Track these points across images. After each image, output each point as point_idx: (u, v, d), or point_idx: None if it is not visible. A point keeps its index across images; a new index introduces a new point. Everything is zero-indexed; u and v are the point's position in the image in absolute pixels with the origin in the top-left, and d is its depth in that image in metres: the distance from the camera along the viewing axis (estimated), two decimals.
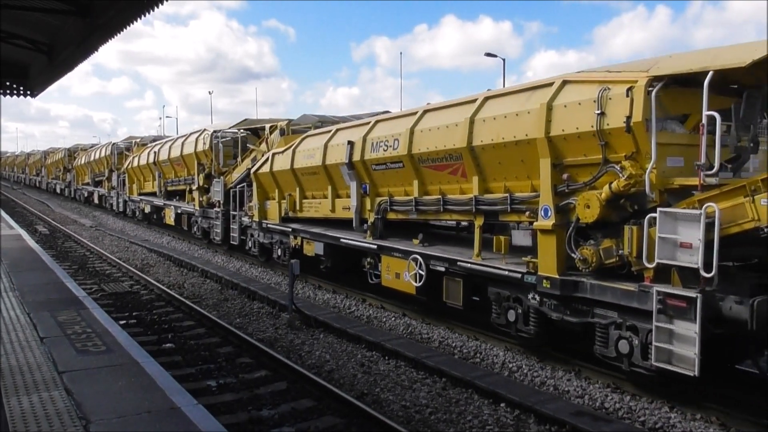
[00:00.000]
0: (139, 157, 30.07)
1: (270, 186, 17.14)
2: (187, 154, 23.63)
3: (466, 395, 8.30)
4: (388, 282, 12.31)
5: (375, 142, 12.54)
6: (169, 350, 10.24)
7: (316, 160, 14.46)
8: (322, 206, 14.92)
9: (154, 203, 28.10)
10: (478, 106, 10.18)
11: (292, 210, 16.03)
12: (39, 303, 9.66)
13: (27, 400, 5.69)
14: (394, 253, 12.07)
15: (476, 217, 10.44)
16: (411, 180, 11.75)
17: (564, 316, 8.78)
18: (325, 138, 14.42)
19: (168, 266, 19.06)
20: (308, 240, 15.11)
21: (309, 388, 8.43)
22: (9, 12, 9.74)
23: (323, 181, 14.53)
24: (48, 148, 65.82)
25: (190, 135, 24.30)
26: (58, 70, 12.69)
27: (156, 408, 5.62)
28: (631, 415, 7.72)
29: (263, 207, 17.60)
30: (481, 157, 10.11)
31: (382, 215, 12.77)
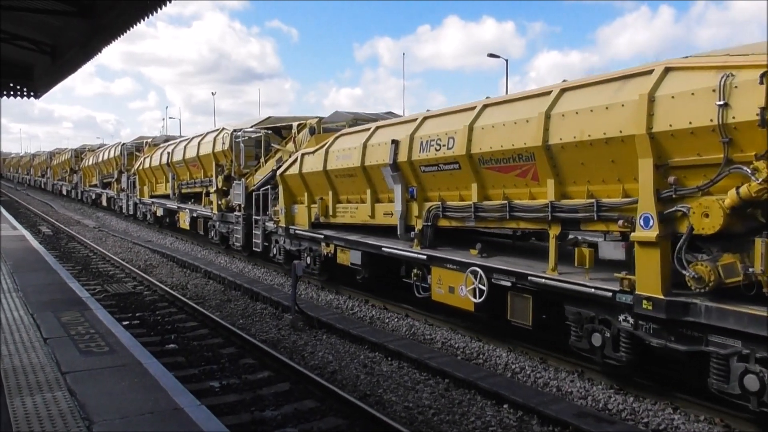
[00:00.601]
0: (150, 157, 28.95)
1: (298, 189, 15.88)
2: (204, 155, 22.36)
3: (469, 396, 8.29)
4: (439, 297, 11.04)
5: (425, 140, 11.28)
6: (172, 351, 10.24)
7: (354, 161, 13.20)
8: (360, 211, 13.65)
9: (167, 206, 26.90)
10: (554, 99, 8.94)
11: (324, 215, 14.73)
12: (42, 303, 9.68)
13: (30, 400, 5.70)
14: (448, 264, 10.77)
15: (551, 226, 9.09)
16: (468, 183, 10.48)
17: (668, 342, 7.44)
18: (363, 137, 13.17)
19: (171, 267, 19.08)
20: (343, 248, 13.89)
21: (312, 389, 8.43)
22: (12, 13, 9.77)
23: (361, 183, 13.30)
24: (54, 148, 64.64)
25: (207, 134, 23.07)
26: (61, 72, 12.72)
27: (159, 409, 5.62)
28: (634, 416, 7.70)
29: (290, 212, 16.34)
30: (559, 157, 8.81)
31: (432, 222, 11.47)
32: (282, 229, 16.58)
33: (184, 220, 24.65)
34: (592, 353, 8.51)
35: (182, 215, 24.86)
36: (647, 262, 7.56)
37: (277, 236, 17.11)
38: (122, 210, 34.27)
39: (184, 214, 24.49)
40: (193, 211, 23.65)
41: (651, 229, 7.49)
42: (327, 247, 14.58)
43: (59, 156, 55.07)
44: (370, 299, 13.73)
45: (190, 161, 23.84)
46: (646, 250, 7.57)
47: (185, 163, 24.33)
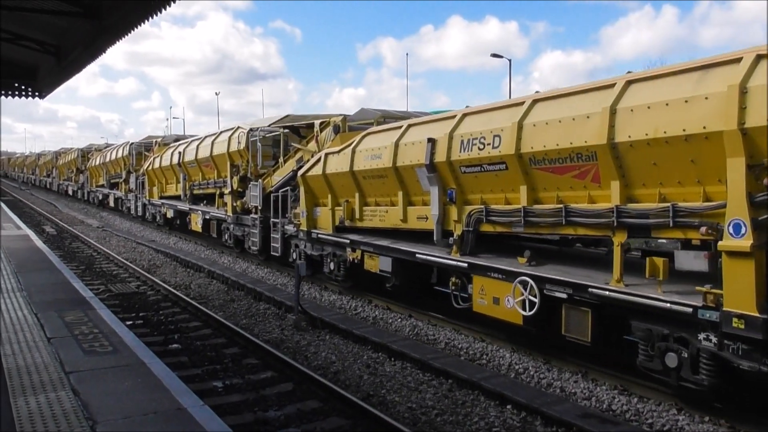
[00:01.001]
0: (161, 157, 28.08)
1: (321, 191, 14.94)
2: (218, 155, 21.48)
3: (472, 397, 8.28)
4: (481, 308, 10.23)
5: (466, 139, 10.38)
6: (176, 351, 10.26)
7: (384, 162, 12.30)
8: (390, 215, 12.73)
9: (178, 208, 25.86)
10: (619, 93, 8.14)
11: (350, 219, 13.87)
12: (46, 303, 9.70)
13: (34, 400, 5.71)
14: (493, 273, 9.93)
15: (616, 233, 8.25)
16: (517, 185, 9.66)
17: (762, 366, 6.63)
18: (394, 135, 12.28)
19: (175, 267, 19.11)
20: (372, 254, 13.00)
21: (315, 390, 8.43)
22: (17, 14, 9.79)
23: (392, 185, 12.40)
24: (59, 148, 63.32)
25: (221, 133, 22.11)
26: (66, 72, 12.74)
27: (162, 409, 5.63)
28: (638, 417, 7.68)
29: (312, 214, 15.38)
30: (627, 156, 7.98)
31: (474, 227, 10.56)
32: (303, 233, 15.63)
33: (196, 222, 23.69)
34: (665, 375, 7.69)
35: (194, 217, 23.93)
36: (739, 275, 6.73)
37: (297, 240, 16.22)
38: (130, 211, 33.38)
39: (197, 216, 23.56)
40: (206, 212, 22.71)
41: (743, 238, 6.69)
42: (353, 253, 13.66)
43: (65, 156, 54.20)
44: (374, 299, 13.72)
45: (203, 161, 23.05)
46: (738, 261, 6.74)
47: (198, 163, 23.56)
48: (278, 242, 17.08)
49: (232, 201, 20.14)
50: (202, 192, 24.02)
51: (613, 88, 8.28)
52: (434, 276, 11.84)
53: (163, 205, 27.83)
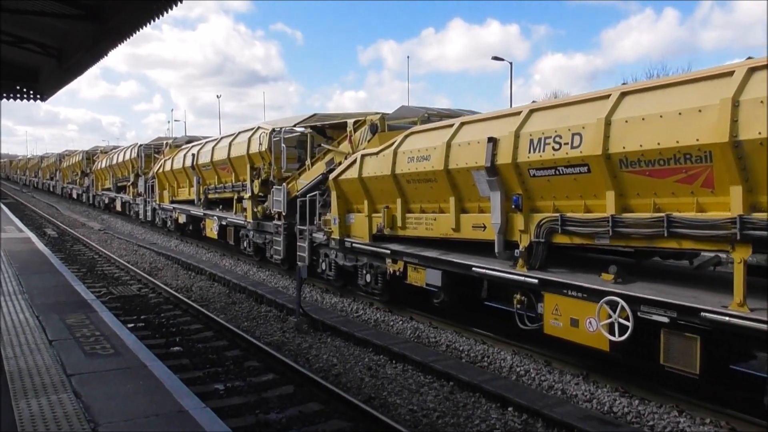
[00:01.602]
0: (172, 160, 26.53)
1: (356, 196, 13.70)
2: (237, 157, 20.02)
3: (473, 399, 8.29)
4: (555, 330, 8.95)
5: (536, 138, 9.16)
6: (177, 353, 10.26)
7: (433, 164, 11.08)
8: (439, 223, 11.45)
9: (192, 213, 24.29)
10: (741, 82, 6.95)
11: (390, 227, 12.61)
12: (48, 306, 9.70)
13: (36, 402, 5.71)
14: (572, 291, 8.66)
15: (736, 247, 7.06)
16: (601, 190, 8.45)
17: None
18: (445, 135, 11.01)
19: (176, 269, 19.12)
20: (417, 266, 11.75)
21: (316, 392, 8.43)
22: (19, 16, 9.81)
23: (442, 190, 11.15)
24: (64, 150, 60.97)
25: (239, 134, 20.66)
26: (67, 74, 12.76)
27: (164, 411, 5.63)
28: (639, 419, 7.68)
29: (345, 221, 14.16)
30: (752, 157, 6.80)
31: (545, 238, 9.31)
32: (335, 242, 14.33)
33: (211, 229, 22.26)
34: None
35: (209, 223, 22.49)
36: None
37: (327, 249, 14.87)
38: (139, 216, 32.00)
39: (212, 222, 22.15)
40: (223, 218, 21.27)
41: None
42: (394, 264, 12.40)
43: (69, 158, 52.74)
44: (375, 302, 13.72)
45: (219, 164, 21.66)
46: None
47: (213, 166, 22.19)
48: (305, 251, 15.61)
49: (252, 206, 18.84)
50: (217, 196, 22.61)
51: (732, 76, 7.11)
52: (484, 291, 10.70)
53: (175, 210, 26.43)
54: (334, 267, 14.67)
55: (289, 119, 18.95)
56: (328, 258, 14.86)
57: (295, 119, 18.29)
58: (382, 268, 12.86)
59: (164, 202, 27.97)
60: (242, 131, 20.63)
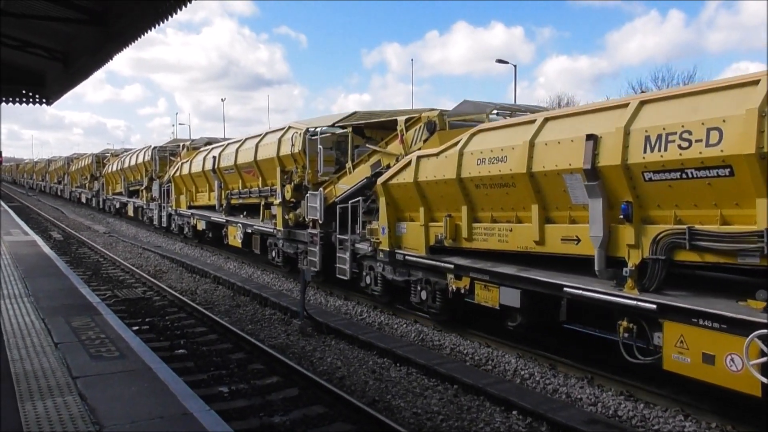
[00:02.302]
0: (190, 163, 24.87)
1: (410, 202, 12.16)
2: (265, 160, 18.42)
3: (477, 402, 8.28)
4: (680, 367, 7.41)
5: (655, 135, 7.67)
6: (182, 356, 10.28)
7: (512, 166, 9.59)
8: (516, 235, 9.93)
9: (212, 219, 22.61)
10: None
11: (452, 238, 11.13)
12: (53, 309, 9.74)
13: (42, 404, 5.74)
14: (704, 320, 7.13)
15: None
16: (748, 198, 6.98)
17: None
18: (526, 132, 9.53)
19: (181, 272, 19.16)
20: (488, 283, 10.26)
21: (320, 395, 8.43)
22: (25, 21, 9.88)
23: (522, 196, 9.62)
24: (72, 153, 58.81)
25: (266, 135, 19.06)
26: (73, 78, 12.84)
27: (168, 413, 5.65)
28: (644, 423, 7.67)
29: (396, 231, 12.67)
30: None
31: (665, 255, 7.78)
32: (383, 254, 12.85)
33: (234, 237, 20.58)
34: None
35: (232, 230, 20.84)
36: None
37: (373, 262, 13.44)
38: (153, 222, 30.15)
39: (235, 230, 20.53)
40: (248, 226, 19.62)
41: None
42: (457, 281, 10.90)
43: (78, 161, 51.02)
44: (379, 305, 13.71)
45: (244, 167, 20.06)
46: None
47: (237, 169, 20.55)
48: (346, 263, 14.17)
49: (282, 213, 17.23)
50: (242, 202, 21.06)
51: None
52: (563, 312, 9.67)
53: (193, 216, 24.75)
54: (381, 281, 13.28)
55: (324, 118, 17.40)
56: (374, 271, 13.44)
57: (331, 118, 16.76)
58: (441, 284, 11.38)
59: (181, 208, 26.32)
60: (270, 132, 19.11)
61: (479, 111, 12.36)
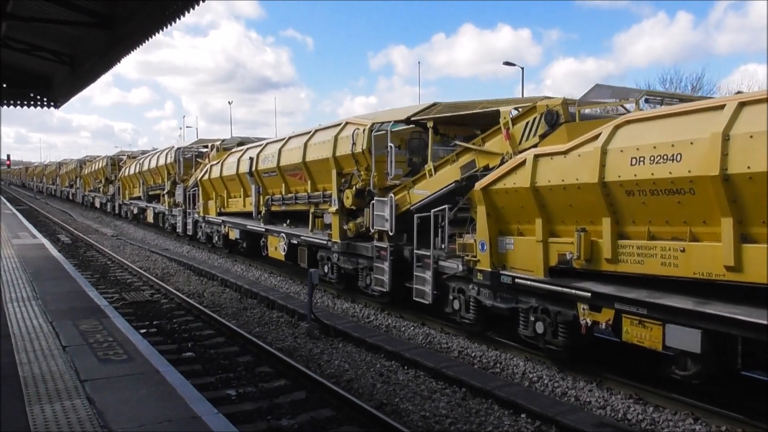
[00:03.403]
0: (221, 165, 22.43)
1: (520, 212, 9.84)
2: (317, 161, 15.83)
3: (486, 406, 8.24)
4: None
5: None
6: (189, 359, 10.28)
7: (692, 167, 7.51)
8: (693, 256, 7.78)
9: (248, 228, 20.01)
10: None
11: (587, 257, 8.96)
12: (61, 312, 9.76)
13: (50, 408, 5.74)
14: None
15: None
16: None
17: None
18: (712, 122, 7.45)
19: (188, 275, 19.18)
20: (644, 319, 8.10)
21: (328, 398, 8.41)
22: (33, 24, 9.93)
23: (705, 206, 7.53)
24: (84, 156, 55.98)
25: (317, 133, 16.41)
26: (80, 81, 12.90)
27: (176, 417, 5.64)
28: (654, 426, 7.62)
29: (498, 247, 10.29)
30: None
31: None
32: (482, 275, 10.43)
33: (275, 248, 18.01)
34: None
35: (273, 241, 18.25)
36: None
37: (463, 284, 11.13)
38: (176, 229, 27.75)
39: (277, 240, 17.94)
40: (294, 236, 17.06)
41: None
42: (594, 313, 8.72)
43: (91, 164, 48.50)
44: (386, 308, 13.68)
45: (289, 169, 17.56)
46: None
47: (280, 171, 17.95)
48: (427, 284, 11.78)
49: (340, 222, 14.77)
50: (285, 209, 18.36)
51: None
52: (738, 356, 7.47)
53: (224, 224, 22.21)
54: (475, 308, 10.93)
55: (392, 112, 14.67)
56: (465, 294, 11.12)
57: (403, 111, 13.82)
58: (567, 315, 9.18)
59: (210, 215, 23.73)
60: (321, 129, 16.48)
61: (620, 97, 10.37)
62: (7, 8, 9.15)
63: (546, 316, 9.53)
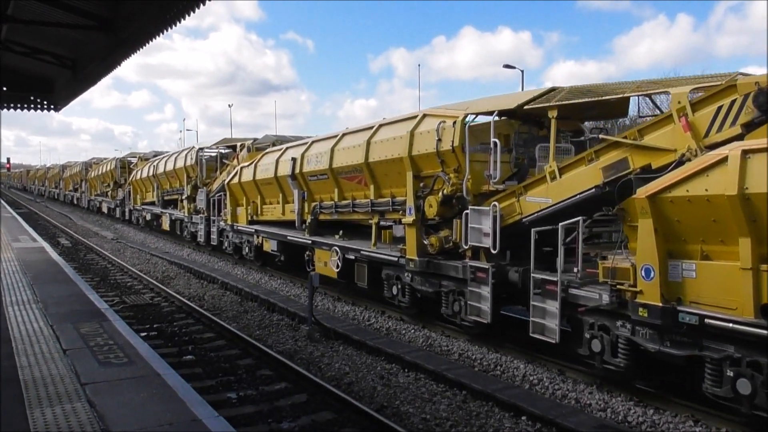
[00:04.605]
0: (254, 166, 19.72)
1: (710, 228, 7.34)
2: (385, 161, 13.12)
3: (486, 408, 8.24)
4: None
5: None
6: (190, 362, 10.28)
7: None
8: None
9: (290, 239, 17.20)
10: None
11: None
12: (62, 315, 9.76)
13: (50, 411, 5.73)
14: None
15: None
16: None
17: None
18: None
19: (188, 278, 19.18)
20: None
21: (329, 401, 8.41)
22: (34, 27, 9.94)
23: None
24: (91, 158, 53.74)
25: (383, 127, 13.79)
26: (81, 85, 12.92)
27: (177, 420, 5.64)
28: (654, 428, 7.62)
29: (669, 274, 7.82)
30: None
31: None
32: (647, 310, 7.87)
33: (326, 263, 15.37)
34: None
35: (322, 255, 15.67)
36: None
37: (609, 320, 8.60)
38: (196, 238, 25.31)
39: (327, 254, 15.32)
40: (350, 250, 14.45)
41: None
42: None
43: (98, 167, 45.70)
44: (387, 311, 13.67)
45: (344, 172, 14.85)
46: None
47: (332, 174, 15.28)
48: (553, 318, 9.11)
49: (418, 236, 12.05)
50: (338, 218, 15.59)
51: None
52: None
53: (258, 234, 19.58)
54: (628, 353, 8.34)
55: (489, 101, 11.72)
56: (611, 333, 8.58)
57: (508, 99, 11.14)
58: None
59: (240, 223, 21.07)
60: (386, 123, 13.97)
61: None
62: (8, 11, 9.17)
63: (756, 371, 7.02)
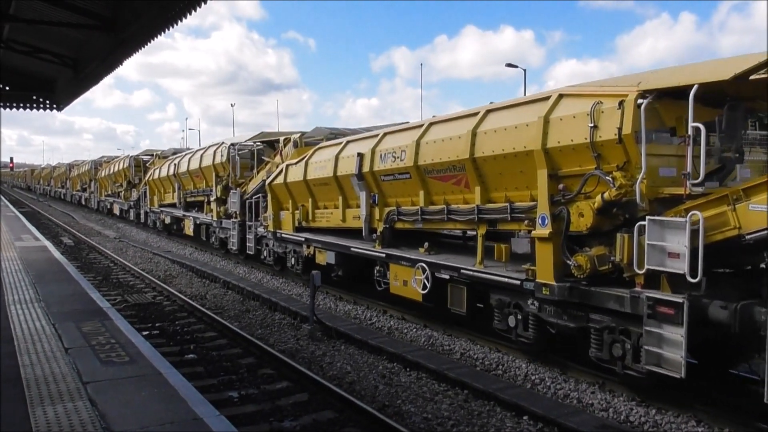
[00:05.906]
0: (305, 164, 16.54)
1: None
2: (499, 156, 10.14)
3: (488, 407, 8.22)
4: None
5: None
6: (192, 361, 10.29)
7: None
8: None
9: (355, 250, 14.17)
10: None
11: None
12: (64, 314, 9.77)
13: (52, 410, 5.74)
14: None
15: None
16: None
17: None
18: None
19: (190, 277, 19.19)
20: None
21: (330, 400, 8.40)
22: (36, 27, 9.95)
23: None
24: (101, 156, 51.45)
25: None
26: (83, 84, 12.93)
27: (179, 419, 5.64)
28: (657, 429, 7.59)
29: None
30: None
31: None
32: None
33: (406, 282, 12.42)
34: None
35: (401, 272, 12.66)
36: None
37: None
38: (228, 245, 22.36)
39: (410, 272, 12.22)
40: (444, 268, 11.39)
41: None
42: None
43: (109, 165, 43.21)
44: (389, 309, 13.67)
45: (436, 170, 11.79)
46: None
47: (417, 173, 12.20)
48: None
49: (556, 253, 8.96)
50: (423, 227, 12.54)
51: None
52: None
53: (309, 243, 16.48)
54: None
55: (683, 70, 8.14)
56: None
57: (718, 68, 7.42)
58: None
59: (284, 229, 18.02)
60: (494, 108, 10.96)
61: None
62: (10, 10, 9.17)
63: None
